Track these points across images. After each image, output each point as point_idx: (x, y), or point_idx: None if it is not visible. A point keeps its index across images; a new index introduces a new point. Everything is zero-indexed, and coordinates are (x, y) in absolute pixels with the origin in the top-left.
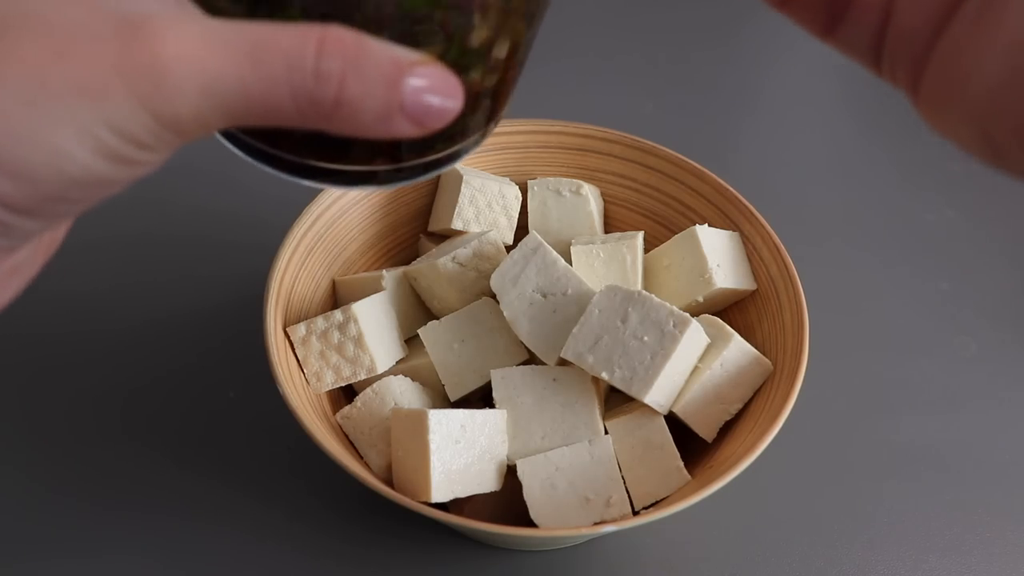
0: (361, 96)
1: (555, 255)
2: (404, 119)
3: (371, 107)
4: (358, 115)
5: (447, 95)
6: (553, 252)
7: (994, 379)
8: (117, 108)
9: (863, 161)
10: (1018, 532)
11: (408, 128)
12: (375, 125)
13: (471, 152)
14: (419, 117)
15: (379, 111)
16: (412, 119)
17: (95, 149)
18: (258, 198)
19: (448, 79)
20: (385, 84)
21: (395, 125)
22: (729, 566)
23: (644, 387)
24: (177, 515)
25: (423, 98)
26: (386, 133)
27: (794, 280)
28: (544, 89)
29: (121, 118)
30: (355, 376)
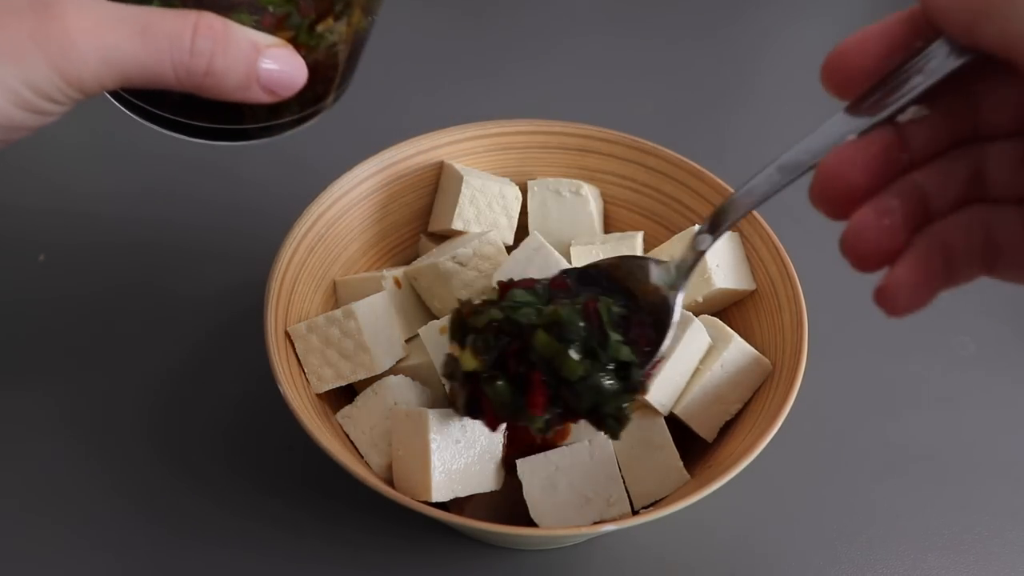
0: (225, 69)
1: (557, 255)
2: (259, 88)
3: (233, 78)
4: (223, 83)
5: (293, 71)
6: (555, 252)
7: (993, 379)
8: (33, 69)
9: None
10: (1017, 531)
11: (262, 95)
12: (236, 92)
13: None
14: (271, 87)
15: (240, 81)
16: (265, 89)
17: (13, 101)
18: (258, 199)
19: (294, 59)
20: (244, 61)
21: (252, 92)
22: (729, 566)
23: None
24: (177, 514)
25: (274, 73)
26: (245, 98)
27: (793, 280)
28: (544, 89)
29: (36, 77)
30: (355, 375)
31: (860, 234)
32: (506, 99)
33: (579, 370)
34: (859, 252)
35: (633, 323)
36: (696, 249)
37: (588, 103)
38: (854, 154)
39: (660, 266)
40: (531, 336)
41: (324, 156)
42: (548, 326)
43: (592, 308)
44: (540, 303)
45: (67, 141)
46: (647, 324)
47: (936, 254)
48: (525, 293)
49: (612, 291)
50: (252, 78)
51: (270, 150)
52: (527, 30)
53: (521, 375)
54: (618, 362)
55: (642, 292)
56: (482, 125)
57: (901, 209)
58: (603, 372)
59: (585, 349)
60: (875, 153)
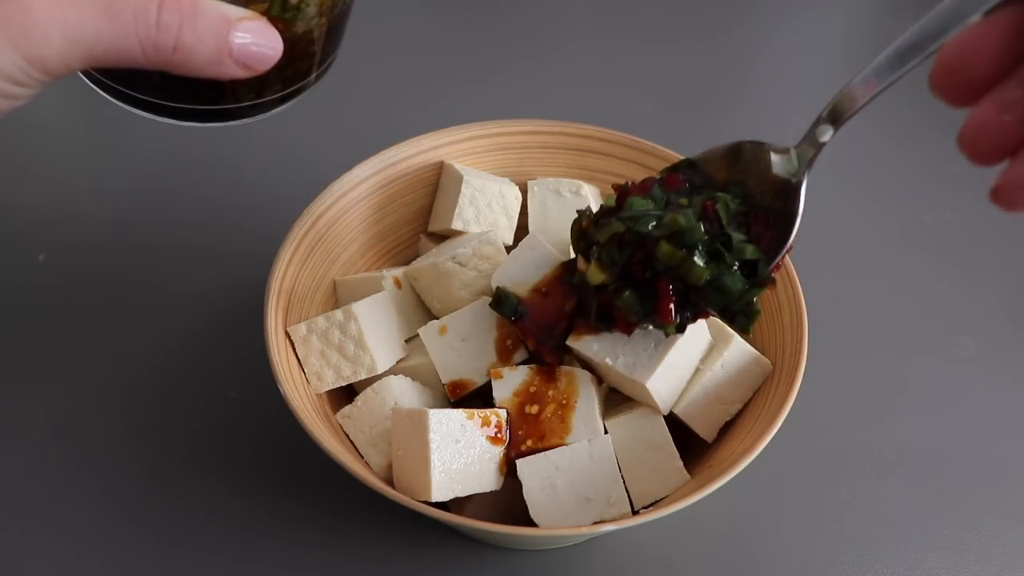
0: (195, 44)
1: (556, 254)
2: (233, 63)
3: (204, 52)
4: (194, 58)
5: (268, 44)
6: (554, 251)
7: (993, 379)
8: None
9: (862, 161)
10: (1017, 532)
11: (237, 70)
12: (209, 67)
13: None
14: (245, 61)
15: (211, 56)
16: (239, 63)
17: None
18: (258, 198)
19: (269, 31)
20: (215, 34)
21: (226, 67)
22: (729, 566)
23: (647, 372)
24: (177, 514)
25: (248, 46)
26: (219, 74)
27: (793, 280)
28: (544, 89)
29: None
30: (355, 376)
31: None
32: (506, 99)
33: (705, 275)
34: (977, 149)
35: (754, 218)
36: (817, 140)
37: (588, 103)
38: (978, 39)
39: (782, 155)
40: (654, 247)
41: (324, 156)
42: (670, 236)
43: (711, 209)
44: (658, 209)
45: (67, 141)
46: (769, 217)
47: None
48: (642, 200)
49: (728, 183)
50: (224, 52)
51: (270, 150)
52: (527, 30)
53: (648, 281)
54: (743, 261)
55: (762, 182)
56: (482, 125)
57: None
58: (729, 272)
59: (709, 252)
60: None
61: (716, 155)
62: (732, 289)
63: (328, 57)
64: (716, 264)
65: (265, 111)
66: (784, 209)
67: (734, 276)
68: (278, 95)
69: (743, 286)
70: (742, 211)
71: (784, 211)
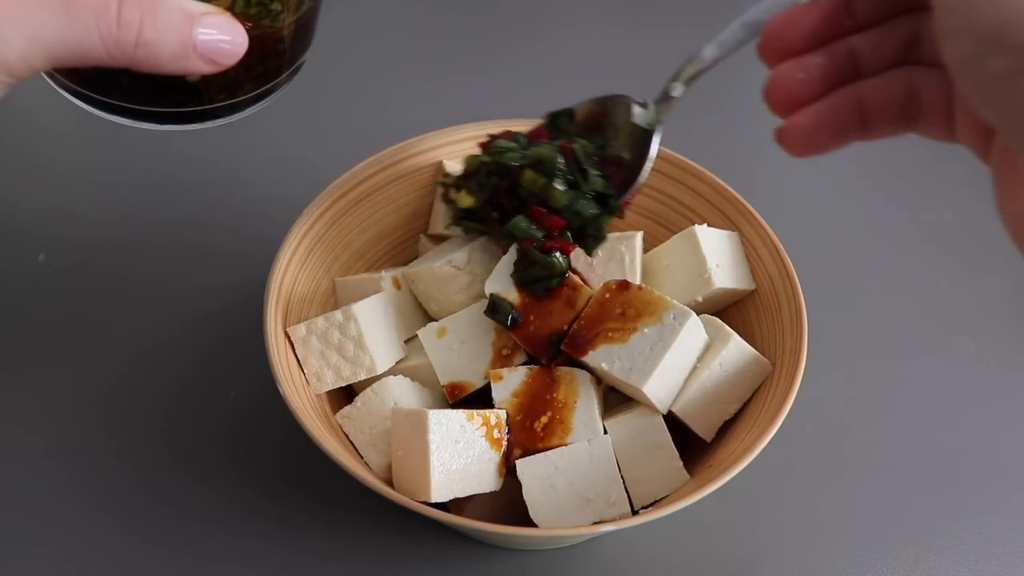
0: (158, 40)
1: None
2: (198, 58)
3: (167, 48)
4: (157, 55)
5: (233, 38)
6: None
7: (993, 379)
8: None
9: (862, 161)
10: (1017, 531)
11: (202, 65)
12: (173, 62)
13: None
14: (211, 56)
15: (175, 51)
16: (204, 58)
17: None
18: (258, 198)
19: (233, 25)
20: (177, 30)
21: (192, 63)
22: (729, 566)
23: (643, 376)
24: (176, 514)
25: (211, 41)
26: (185, 69)
27: (793, 280)
28: (544, 89)
29: None
30: (355, 376)
31: (777, 83)
32: (505, 99)
33: (565, 198)
34: (773, 98)
35: (608, 160)
36: (670, 95)
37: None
38: (799, 17)
39: (642, 108)
40: (519, 175)
41: (324, 156)
42: (533, 164)
43: (568, 148)
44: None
45: (68, 141)
46: (623, 160)
47: (849, 106)
48: (507, 142)
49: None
50: (188, 47)
51: (270, 150)
52: (527, 30)
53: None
54: (597, 193)
55: (624, 131)
56: (482, 125)
57: (823, 66)
58: (584, 200)
59: (567, 182)
60: (819, 16)
61: (580, 109)
62: (585, 213)
63: (298, 56)
64: (574, 192)
65: (239, 111)
66: (640, 155)
67: (588, 202)
68: (251, 95)
69: (596, 211)
70: (598, 155)
71: (639, 156)
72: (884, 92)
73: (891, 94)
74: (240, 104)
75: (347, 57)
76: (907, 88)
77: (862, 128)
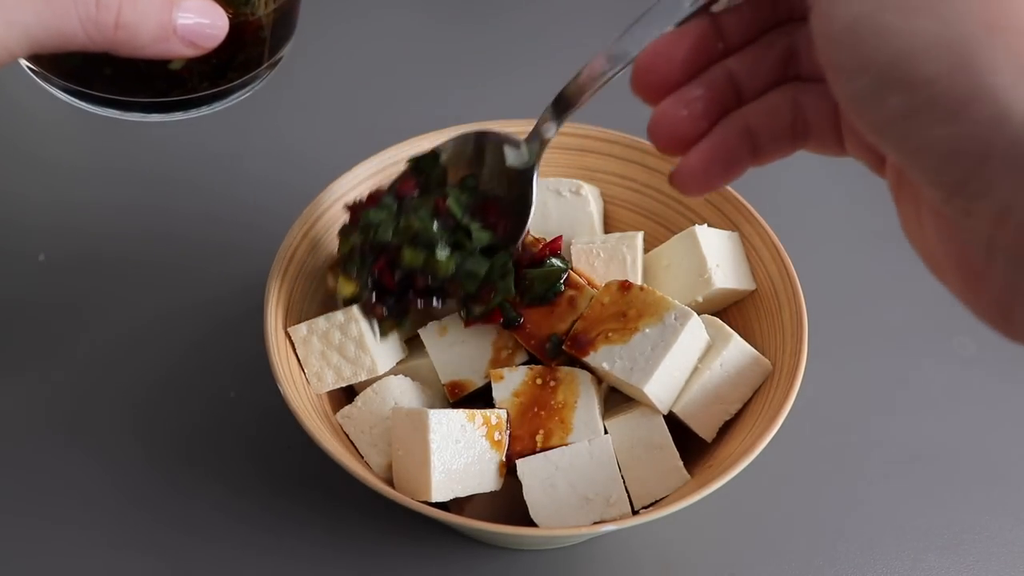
0: (137, 22)
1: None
2: (178, 41)
3: (147, 30)
4: (137, 37)
5: (213, 20)
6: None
7: (993, 379)
8: None
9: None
10: (1016, 531)
11: (183, 48)
12: (153, 45)
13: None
14: (191, 39)
15: (155, 33)
16: (185, 41)
17: None
18: (258, 198)
19: (213, 8)
20: (157, 11)
21: (172, 46)
22: (729, 566)
23: (644, 376)
24: (176, 514)
25: (191, 23)
26: (166, 52)
27: (793, 280)
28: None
29: None
30: (356, 377)
31: (660, 123)
32: (506, 99)
33: (451, 266)
34: (660, 139)
35: (486, 205)
36: (543, 136)
37: (588, 103)
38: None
39: (515, 148)
40: (398, 255)
41: (324, 156)
42: (410, 240)
43: (443, 207)
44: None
45: (68, 141)
46: (501, 202)
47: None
48: (376, 212)
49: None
50: (168, 29)
51: (270, 150)
52: (527, 30)
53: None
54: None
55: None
56: (482, 125)
57: (704, 98)
58: (472, 257)
59: (451, 244)
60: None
61: (452, 145)
62: (478, 272)
63: (280, 45)
64: (460, 253)
65: (221, 100)
66: (520, 195)
67: (477, 259)
68: (233, 83)
69: (486, 266)
70: (474, 203)
71: (520, 197)
72: (770, 116)
73: (777, 117)
74: (223, 93)
75: (347, 57)
76: (792, 107)
77: (753, 155)
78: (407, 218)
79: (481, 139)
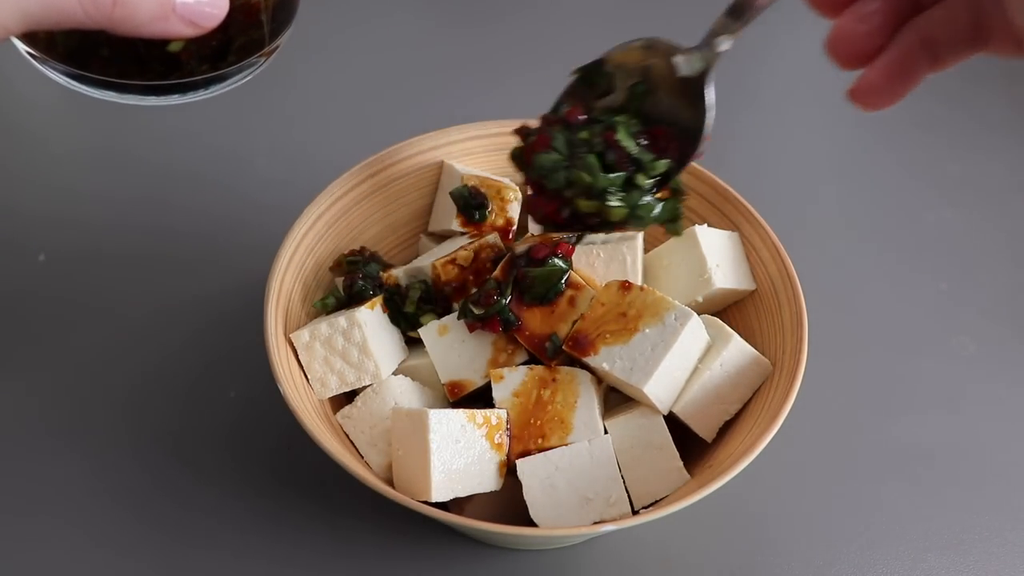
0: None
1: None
2: (178, 20)
3: (146, 8)
4: (136, 15)
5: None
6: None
7: (993, 379)
8: None
9: (862, 161)
10: (1016, 531)
11: (182, 27)
12: (152, 24)
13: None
14: (191, 18)
15: (154, 11)
16: (184, 20)
17: None
18: (258, 198)
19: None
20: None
21: (171, 25)
22: (729, 566)
23: (644, 377)
24: (176, 513)
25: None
26: (165, 32)
27: (793, 280)
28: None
29: None
30: (360, 382)
31: (840, 40)
32: (506, 99)
33: (623, 213)
34: (839, 55)
35: (659, 132)
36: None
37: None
38: None
39: (685, 57)
40: (575, 204)
41: (324, 156)
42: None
43: (613, 142)
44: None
45: (67, 141)
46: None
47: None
48: (547, 156)
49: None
50: (168, 7)
51: (270, 150)
52: (527, 30)
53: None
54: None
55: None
56: (482, 125)
57: (882, 11)
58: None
59: (625, 183)
60: None
61: (618, 54)
62: (646, 216)
63: (281, 30)
64: (632, 192)
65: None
66: (689, 105)
67: (646, 206)
68: (232, 67)
69: (655, 212)
70: (642, 129)
71: (689, 108)
72: (948, 22)
73: (956, 23)
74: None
75: (347, 57)
76: (972, 12)
77: (931, 63)
78: (578, 173)
79: (649, 47)
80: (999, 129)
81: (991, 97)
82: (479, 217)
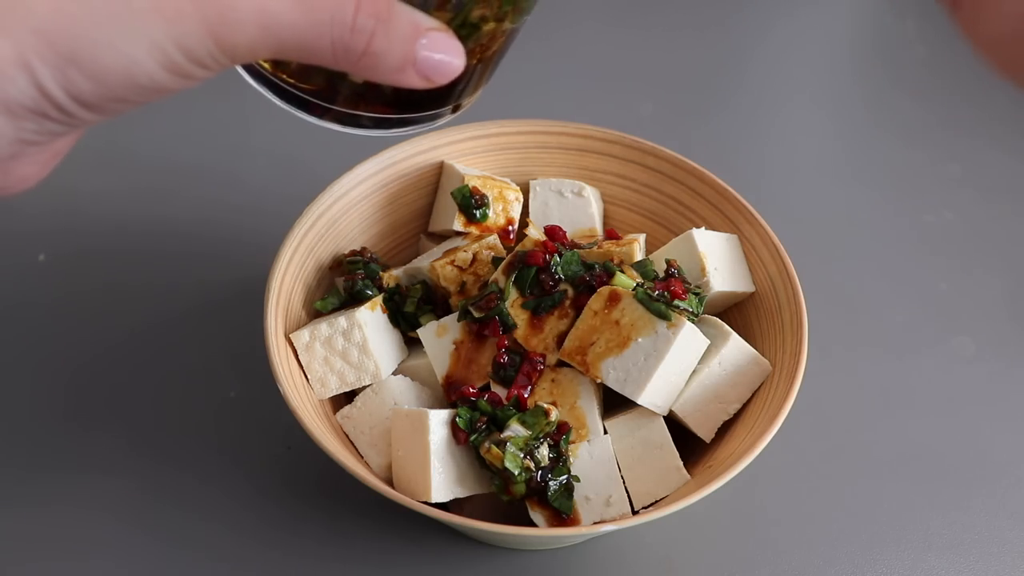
0: (385, 50)
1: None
2: (414, 73)
3: (391, 60)
4: (380, 64)
5: (452, 58)
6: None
7: (993, 379)
8: (186, 31)
9: (862, 162)
10: (1016, 532)
11: (417, 80)
12: (391, 74)
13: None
14: (426, 72)
15: (396, 63)
16: (421, 73)
17: (161, 62)
18: (259, 199)
19: (454, 43)
20: (404, 42)
21: (407, 76)
22: (728, 566)
23: (637, 388)
24: (176, 513)
25: (432, 59)
26: (399, 82)
27: (793, 280)
28: (544, 89)
29: (188, 39)
30: (360, 382)
31: None
32: (506, 99)
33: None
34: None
35: None
36: None
37: (588, 103)
38: None
39: None
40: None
41: (324, 156)
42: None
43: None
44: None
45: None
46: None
47: None
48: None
49: None
50: (409, 61)
51: (270, 150)
52: (527, 30)
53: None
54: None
55: None
56: (482, 125)
57: None
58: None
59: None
60: None
61: None
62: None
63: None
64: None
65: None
66: None
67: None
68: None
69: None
70: None
71: None
72: None
73: None
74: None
75: None
76: None
77: None
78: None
79: None
80: (999, 129)
81: (991, 97)
82: (480, 217)
